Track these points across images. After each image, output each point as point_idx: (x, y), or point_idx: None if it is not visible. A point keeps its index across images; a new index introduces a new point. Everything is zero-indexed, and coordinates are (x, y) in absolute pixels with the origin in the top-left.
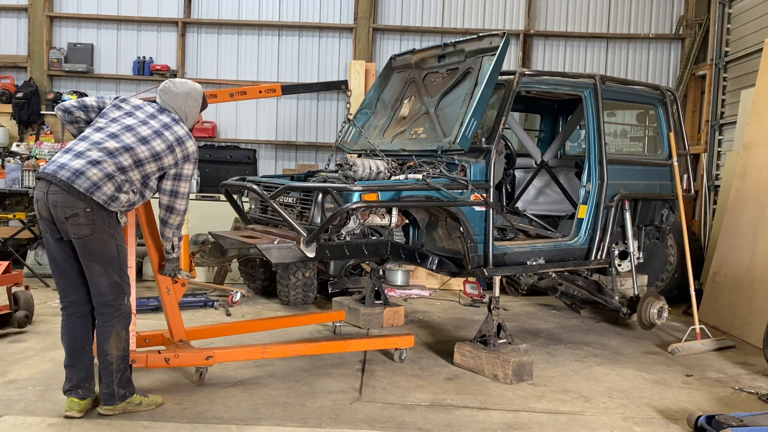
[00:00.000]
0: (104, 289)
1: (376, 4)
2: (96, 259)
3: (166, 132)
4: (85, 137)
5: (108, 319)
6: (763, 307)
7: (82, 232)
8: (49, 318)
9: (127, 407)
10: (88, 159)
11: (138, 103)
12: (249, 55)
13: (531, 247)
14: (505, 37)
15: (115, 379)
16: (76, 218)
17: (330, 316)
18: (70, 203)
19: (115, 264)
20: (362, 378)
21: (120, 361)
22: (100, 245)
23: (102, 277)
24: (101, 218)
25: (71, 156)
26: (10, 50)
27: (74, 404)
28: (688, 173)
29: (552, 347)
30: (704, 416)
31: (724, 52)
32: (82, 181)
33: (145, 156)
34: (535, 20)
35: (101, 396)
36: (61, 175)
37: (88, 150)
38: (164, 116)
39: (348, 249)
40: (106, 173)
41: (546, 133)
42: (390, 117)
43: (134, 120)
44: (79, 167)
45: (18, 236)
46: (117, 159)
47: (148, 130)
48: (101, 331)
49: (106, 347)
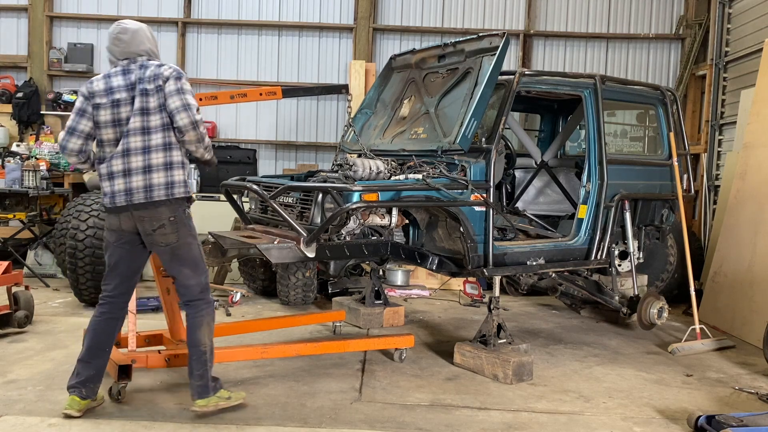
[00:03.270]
0: (194, 288)
1: (376, 4)
2: (184, 264)
3: (145, 85)
4: (112, 156)
5: (199, 310)
6: (763, 307)
7: (170, 240)
8: (49, 318)
9: (219, 403)
10: (139, 170)
11: (105, 88)
12: (249, 55)
13: (531, 247)
14: (505, 37)
15: (209, 368)
16: (162, 229)
17: (330, 316)
18: (155, 216)
19: (201, 265)
20: (362, 378)
21: (210, 351)
22: (186, 250)
23: (192, 279)
24: (183, 223)
25: (123, 179)
26: (10, 50)
27: (75, 403)
28: (688, 173)
29: (552, 347)
30: (704, 416)
31: (724, 52)
32: (156, 192)
33: (156, 120)
34: (535, 20)
35: (194, 390)
36: (137, 200)
37: (127, 163)
38: (130, 76)
39: (348, 249)
40: (163, 165)
41: (546, 133)
42: (390, 117)
43: (128, 108)
44: (144, 184)
45: (18, 236)
46: (150, 145)
47: (138, 102)
48: (194, 321)
49: (200, 336)
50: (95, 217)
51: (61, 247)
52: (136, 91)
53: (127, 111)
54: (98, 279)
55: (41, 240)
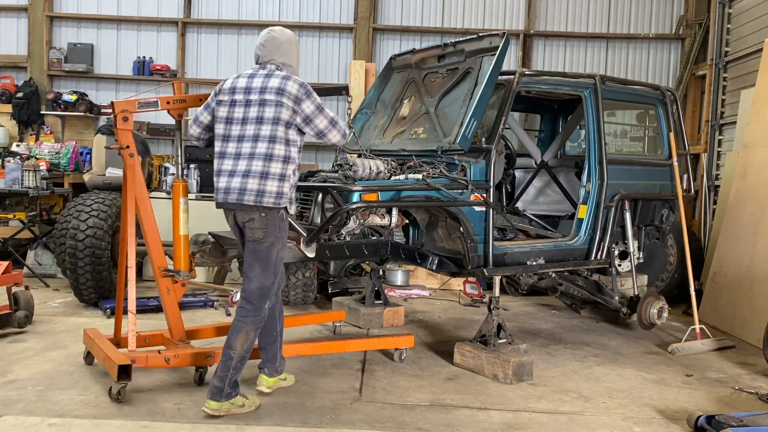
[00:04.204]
0: (253, 289)
1: (376, 4)
2: (258, 261)
3: (266, 95)
4: (224, 154)
5: (245, 315)
6: (763, 307)
7: (256, 236)
8: (49, 318)
9: (231, 408)
10: (242, 173)
11: (230, 87)
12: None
13: (531, 247)
14: (505, 37)
15: (229, 376)
16: (251, 223)
17: (330, 316)
18: (246, 210)
19: (272, 269)
20: (362, 378)
21: (240, 360)
22: (266, 249)
23: (258, 278)
24: (273, 222)
25: (227, 178)
26: (10, 50)
27: (263, 380)
28: (688, 173)
29: (552, 347)
30: (704, 416)
31: (724, 52)
32: (247, 197)
33: (266, 131)
34: (535, 20)
35: (210, 390)
36: (230, 199)
37: (235, 165)
38: (254, 81)
39: (348, 249)
40: (258, 175)
41: (546, 133)
42: (390, 117)
43: (242, 110)
44: (240, 186)
45: (18, 236)
46: (256, 152)
47: (254, 109)
48: (236, 325)
49: (233, 341)
50: (95, 217)
51: (61, 247)
52: (255, 97)
53: (239, 112)
54: (98, 279)
55: (41, 240)
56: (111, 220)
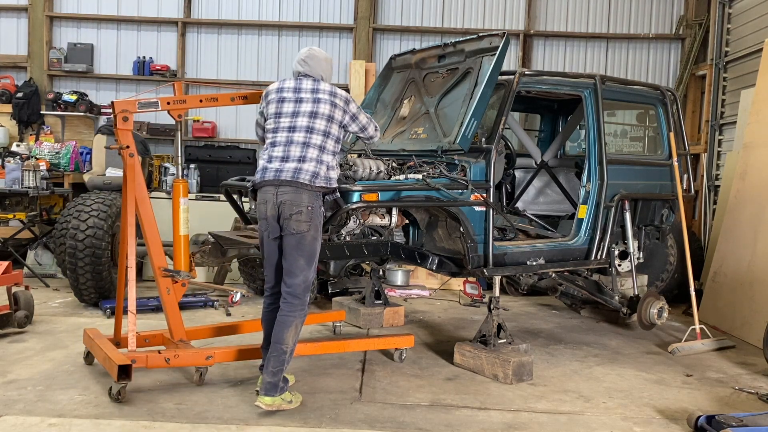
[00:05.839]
0: (299, 282)
1: (376, 4)
2: (303, 255)
3: (320, 95)
4: (275, 143)
5: (292, 310)
6: (763, 307)
7: (301, 228)
8: (49, 318)
9: (282, 405)
10: (295, 158)
11: (277, 88)
12: (249, 55)
13: (531, 247)
14: (505, 37)
15: (284, 369)
16: (299, 215)
17: (330, 316)
18: (296, 201)
19: (314, 261)
20: (362, 378)
21: (290, 354)
22: (310, 242)
23: (303, 272)
24: (317, 216)
25: (279, 163)
26: (10, 50)
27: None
28: (688, 173)
29: (552, 347)
30: (704, 416)
31: (724, 52)
32: (303, 175)
33: (320, 125)
34: (535, 20)
35: (264, 386)
36: (284, 177)
37: (287, 151)
38: (301, 83)
39: (348, 249)
40: (314, 160)
41: (546, 133)
42: (390, 117)
43: (292, 105)
44: (295, 167)
45: (18, 236)
46: (310, 142)
47: (307, 105)
48: (283, 319)
49: (285, 336)
50: (95, 217)
51: (61, 247)
52: (307, 95)
53: (290, 107)
54: (98, 279)
55: (41, 240)
56: (111, 220)
